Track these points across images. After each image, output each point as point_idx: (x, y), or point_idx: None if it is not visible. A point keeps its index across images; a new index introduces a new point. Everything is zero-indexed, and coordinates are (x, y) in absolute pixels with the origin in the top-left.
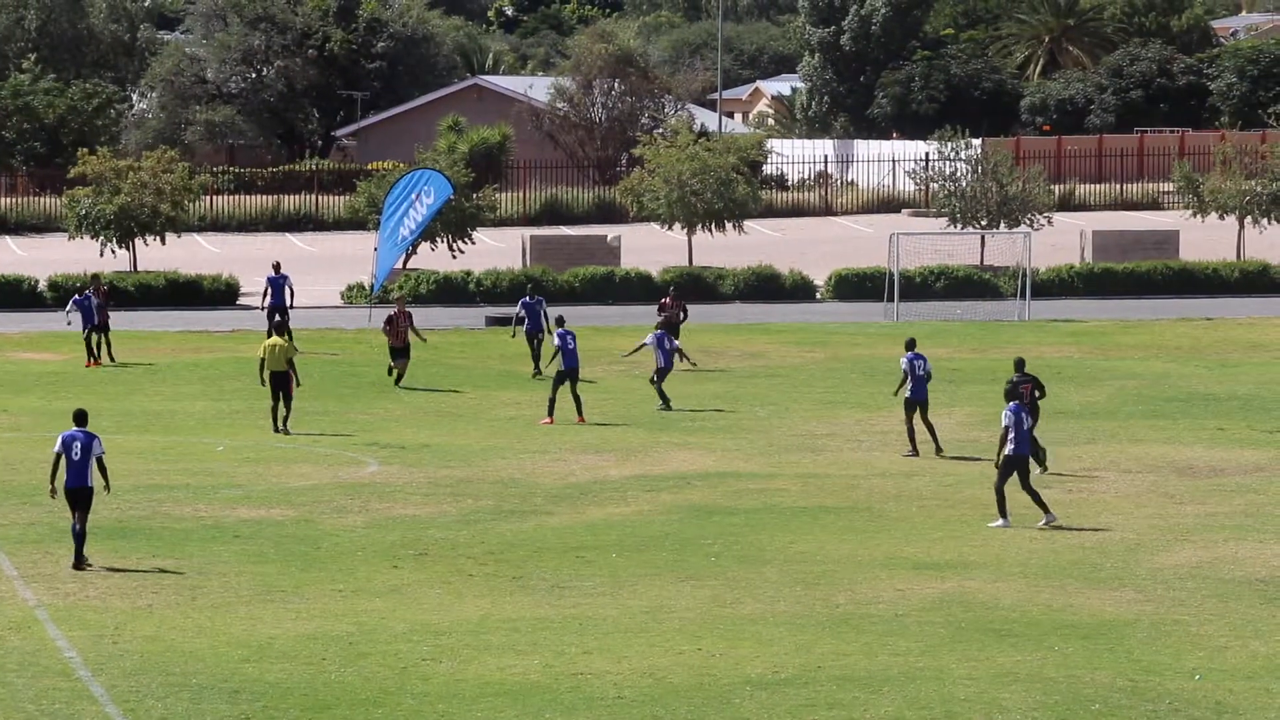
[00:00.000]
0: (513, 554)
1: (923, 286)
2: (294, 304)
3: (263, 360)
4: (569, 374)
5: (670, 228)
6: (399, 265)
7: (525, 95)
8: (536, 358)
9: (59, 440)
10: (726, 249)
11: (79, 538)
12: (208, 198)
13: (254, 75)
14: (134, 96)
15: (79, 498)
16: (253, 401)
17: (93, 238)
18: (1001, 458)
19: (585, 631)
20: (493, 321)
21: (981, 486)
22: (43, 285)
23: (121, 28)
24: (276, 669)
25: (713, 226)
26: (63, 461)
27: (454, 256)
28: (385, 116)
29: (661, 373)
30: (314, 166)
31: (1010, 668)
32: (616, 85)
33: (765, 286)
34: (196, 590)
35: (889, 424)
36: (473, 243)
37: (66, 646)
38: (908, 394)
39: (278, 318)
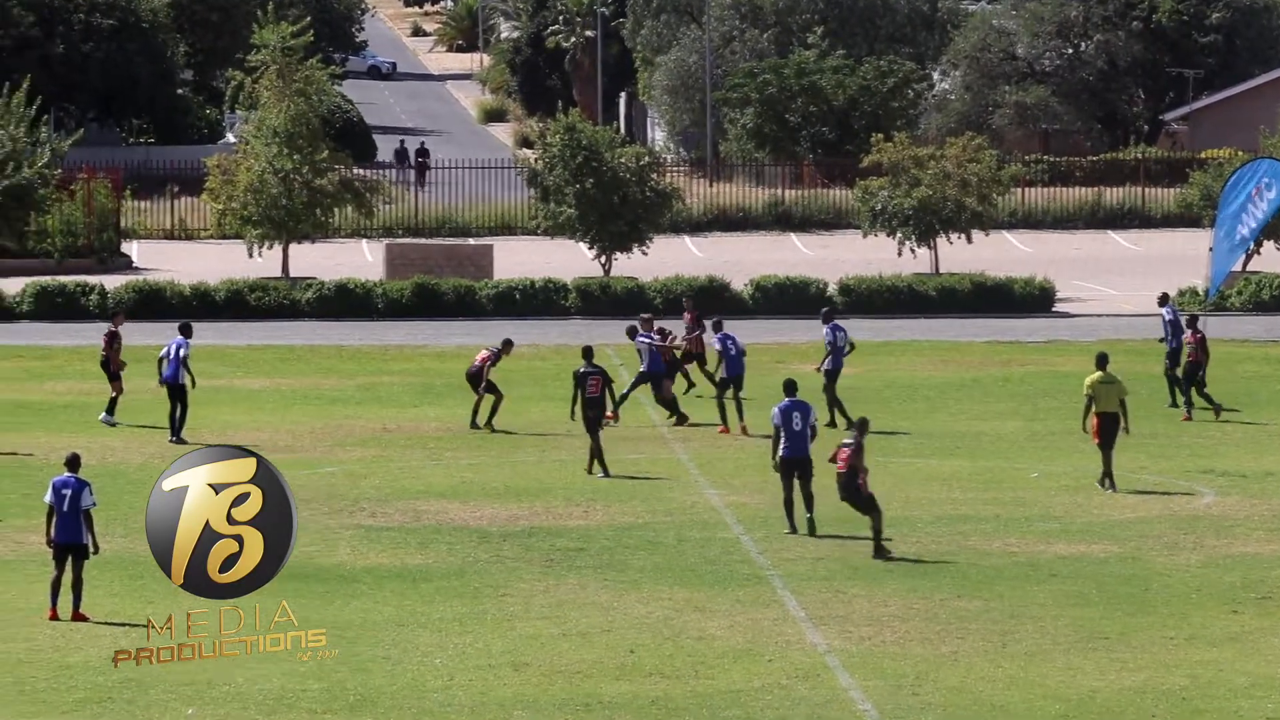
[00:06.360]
0: None
1: None
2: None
3: (1090, 398)
4: (733, 381)
5: None
6: (1237, 268)
7: None
8: None
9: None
10: None
11: None
12: (1018, 190)
13: (1070, 51)
14: (934, 75)
15: None
16: (1069, 421)
17: (888, 235)
18: None
19: None
20: None
21: None
22: (833, 288)
23: None
24: None
25: None
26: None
27: None
28: (1221, 98)
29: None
30: (1139, 154)
31: None
32: None
33: None
34: (1007, 636)
35: None
36: None
37: (861, 698)
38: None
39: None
